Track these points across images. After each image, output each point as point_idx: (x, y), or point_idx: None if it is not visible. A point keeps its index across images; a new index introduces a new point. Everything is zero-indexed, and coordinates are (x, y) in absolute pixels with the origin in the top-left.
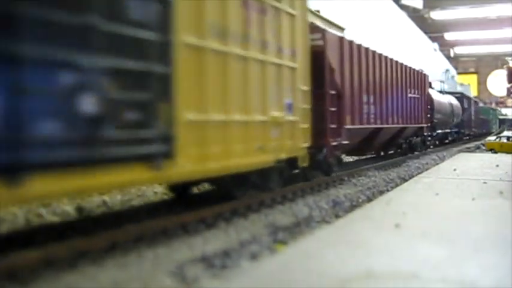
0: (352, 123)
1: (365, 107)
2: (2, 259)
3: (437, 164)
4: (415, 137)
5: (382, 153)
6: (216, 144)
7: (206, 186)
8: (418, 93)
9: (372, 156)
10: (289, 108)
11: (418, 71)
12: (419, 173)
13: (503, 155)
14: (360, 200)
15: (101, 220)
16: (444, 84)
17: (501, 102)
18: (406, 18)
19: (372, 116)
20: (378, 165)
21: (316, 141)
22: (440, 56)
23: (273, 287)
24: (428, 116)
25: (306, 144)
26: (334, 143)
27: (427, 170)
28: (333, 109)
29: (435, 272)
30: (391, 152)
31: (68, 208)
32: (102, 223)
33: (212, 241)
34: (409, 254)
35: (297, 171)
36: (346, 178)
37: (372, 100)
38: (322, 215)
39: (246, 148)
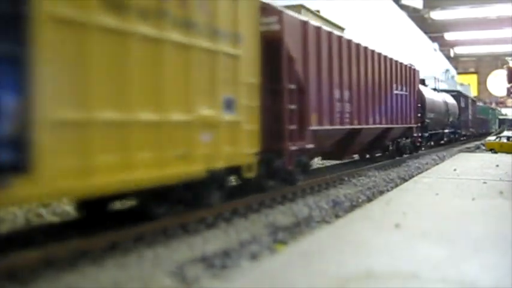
0: (320, 123)
1: (338, 104)
2: (2, 259)
3: (437, 164)
4: (404, 139)
5: (367, 156)
6: (108, 151)
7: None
8: (406, 90)
9: (354, 160)
10: (229, 105)
11: (406, 65)
12: (419, 173)
13: (503, 155)
14: (360, 200)
15: (101, 220)
16: (438, 81)
17: (501, 102)
18: (406, 18)
19: (347, 115)
20: (378, 165)
21: (272, 146)
22: (440, 56)
23: (273, 287)
24: (419, 115)
25: (254, 150)
26: (294, 148)
27: (427, 170)
28: (292, 107)
29: (435, 272)
30: (379, 154)
31: (68, 208)
32: (102, 223)
33: (212, 241)
34: (409, 254)
35: (251, 180)
36: (346, 178)
37: (346, 97)
38: (322, 215)
39: (159, 156)
